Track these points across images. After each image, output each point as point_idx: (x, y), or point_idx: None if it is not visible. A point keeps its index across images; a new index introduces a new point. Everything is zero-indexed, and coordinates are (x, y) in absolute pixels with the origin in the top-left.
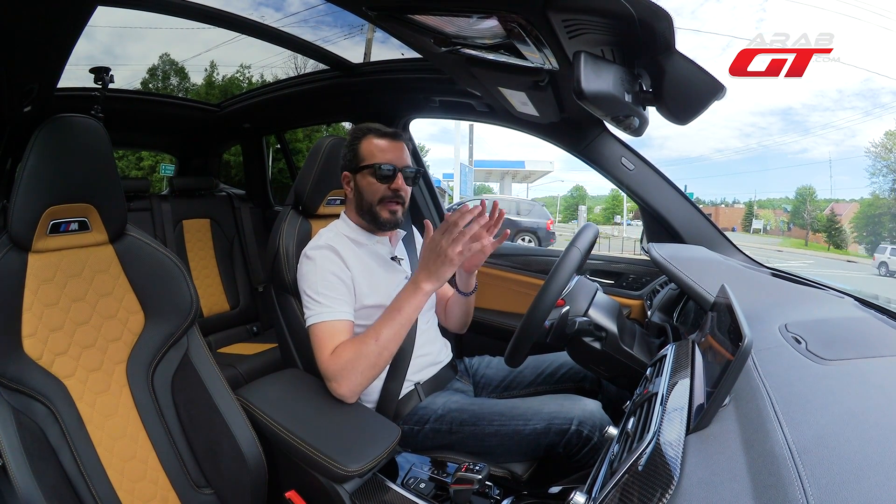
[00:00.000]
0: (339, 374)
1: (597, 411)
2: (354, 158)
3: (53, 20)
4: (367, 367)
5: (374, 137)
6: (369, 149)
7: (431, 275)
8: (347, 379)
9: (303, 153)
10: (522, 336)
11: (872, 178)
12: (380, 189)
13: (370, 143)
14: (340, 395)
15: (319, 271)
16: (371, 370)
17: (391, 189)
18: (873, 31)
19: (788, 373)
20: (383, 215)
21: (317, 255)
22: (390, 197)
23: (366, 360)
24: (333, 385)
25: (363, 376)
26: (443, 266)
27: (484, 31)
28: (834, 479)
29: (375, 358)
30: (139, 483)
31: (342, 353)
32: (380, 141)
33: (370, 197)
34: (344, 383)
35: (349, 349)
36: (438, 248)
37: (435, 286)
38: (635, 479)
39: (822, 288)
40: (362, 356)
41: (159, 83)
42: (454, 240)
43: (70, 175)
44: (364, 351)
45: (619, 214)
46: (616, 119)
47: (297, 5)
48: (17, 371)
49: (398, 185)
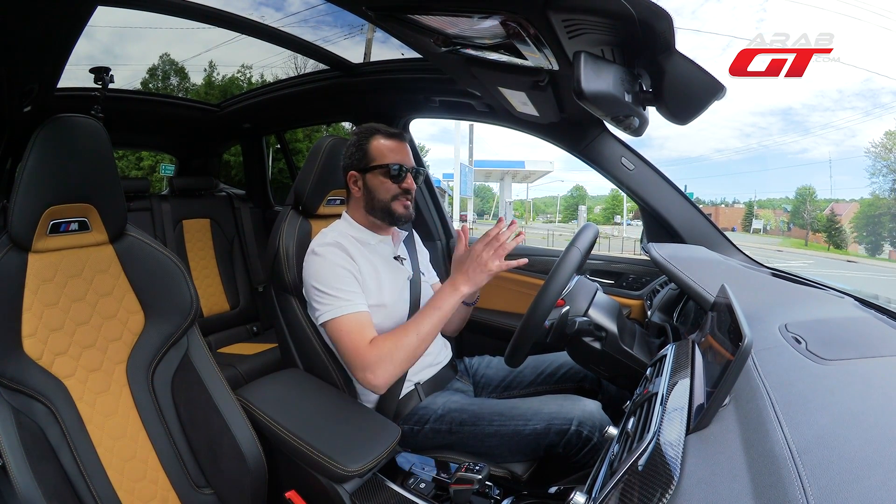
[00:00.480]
0: (377, 365)
1: (596, 412)
2: (364, 158)
3: (53, 20)
4: (405, 359)
5: (381, 138)
6: (379, 149)
7: (470, 279)
8: (384, 369)
9: (303, 153)
10: (522, 336)
11: (872, 178)
12: (392, 188)
13: (379, 143)
14: (374, 385)
15: (330, 266)
16: (408, 362)
17: (402, 187)
18: (873, 31)
19: (788, 373)
20: (398, 210)
21: (325, 251)
22: (402, 194)
23: (405, 351)
24: (369, 376)
25: (400, 368)
26: (481, 273)
27: (484, 31)
28: (834, 479)
29: (414, 350)
30: (139, 483)
31: (382, 344)
32: (388, 141)
33: (383, 195)
34: (381, 373)
35: (389, 340)
36: (479, 258)
37: (471, 289)
38: (635, 479)
39: (822, 288)
40: (402, 347)
41: (159, 83)
42: (495, 253)
43: (70, 175)
44: (405, 342)
45: (619, 214)
46: (616, 119)
47: (297, 5)
48: (18, 371)
49: (409, 184)
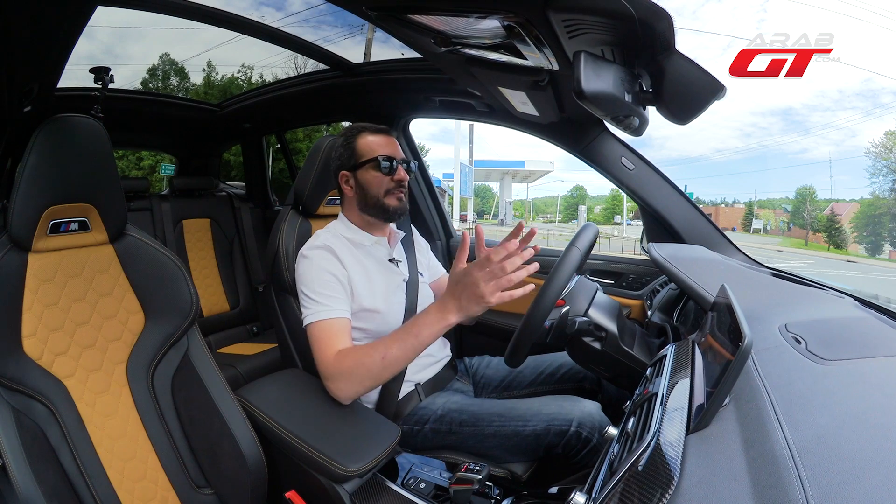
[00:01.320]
0: (339, 378)
1: (596, 412)
2: (352, 156)
3: (53, 20)
4: (367, 379)
5: (368, 134)
6: (367, 145)
7: (461, 309)
8: (345, 384)
9: (303, 153)
10: (522, 336)
11: (872, 178)
12: (384, 181)
13: (366, 140)
14: (336, 396)
15: (316, 270)
16: (371, 381)
17: (394, 180)
18: (873, 31)
19: (788, 373)
20: (392, 203)
21: (313, 255)
22: (394, 187)
23: (367, 372)
24: (331, 385)
25: (362, 385)
26: (476, 304)
27: (484, 31)
28: (834, 479)
29: (378, 372)
30: (139, 483)
31: (344, 360)
32: (375, 137)
33: (375, 190)
34: (342, 387)
35: (352, 357)
36: (476, 287)
37: (462, 320)
38: (635, 479)
39: (822, 288)
40: (364, 368)
41: (159, 83)
42: (493, 278)
43: (70, 175)
44: (367, 363)
45: (619, 214)
46: (616, 119)
47: (297, 5)
48: (18, 371)
49: (401, 175)
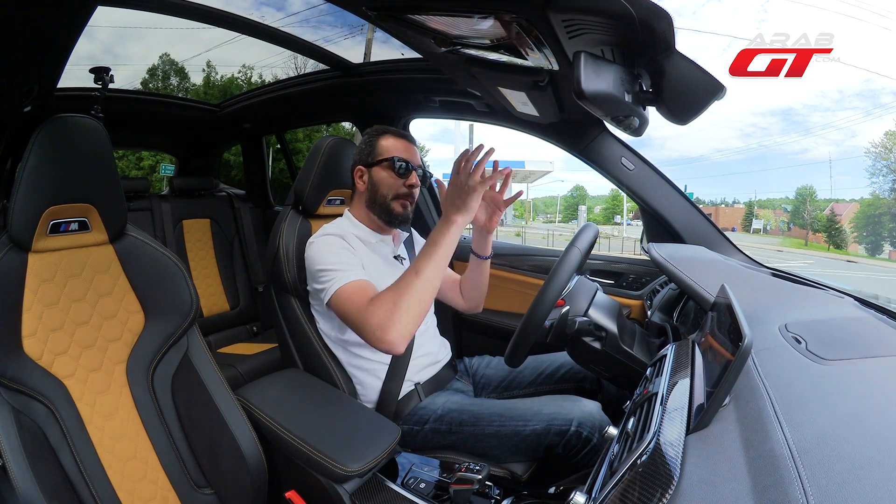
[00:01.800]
0: (386, 319)
1: (596, 412)
2: (372, 153)
3: (53, 20)
4: (413, 304)
5: (391, 136)
6: (387, 145)
7: (460, 206)
8: (395, 321)
9: (303, 153)
10: (522, 336)
11: (872, 178)
12: (396, 184)
13: (388, 141)
14: (389, 341)
15: (328, 247)
16: (417, 306)
17: (406, 185)
18: (873, 31)
19: (788, 373)
20: (396, 209)
21: (325, 239)
22: (405, 193)
23: (410, 296)
24: (379, 333)
25: (410, 315)
26: (469, 196)
27: (484, 31)
28: (834, 479)
29: (420, 293)
30: (139, 483)
31: (383, 297)
32: (397, 141)
33: (385, 191)
34: (391, 328)
35: (390, 290)
36: (460, 184)
37: (465, 217)
38: (635, 479)
39: (822, 288)
40: (405, 293)
41: (159, 83)
42: (472, 171)
43: (70, 175)
44: (406, 287)
45: (619, 214)
46: (616, 119)
47: (298, 5)
48: (18, 371)
49: (413, 181)
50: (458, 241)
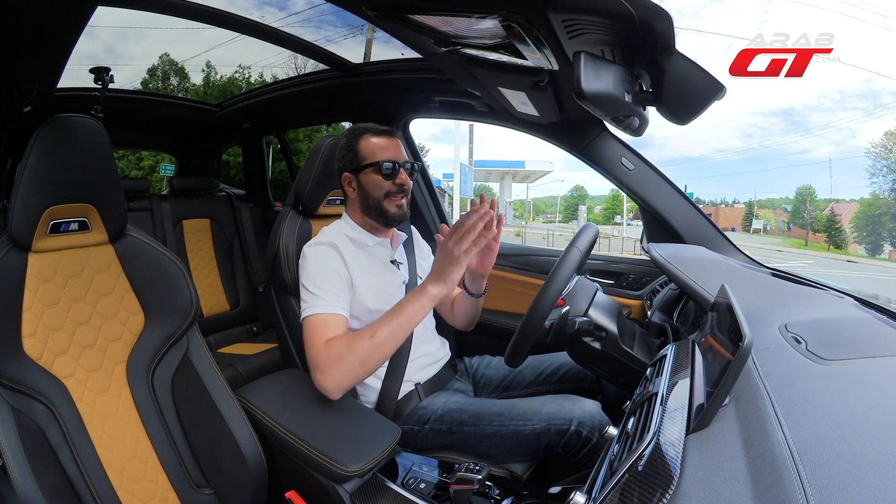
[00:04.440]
0: (326, 366)
1: (596, 412)
2: (355, 158)
3: (53, 20)
4: (357, 364)
5: (371, 136)
6: (369, 148)
7: (439, 277)
8: (333, 372)
9: (303, 153)
10: (522, 336)
11: (872, 178)
12: (385, 185)
13: (369, 142)
14: (324, 388)
15: (318, 266)
16: (360, 367)
17: (396, 184)
18: (874, 31)
19: (788, 373)
20: (391, 210)
21: (317, 251)
22: (395, 192)
23: (356, 355)
24: (318, 377)
25: (351, 372)
26: (450, 266)
27: (484, 31)
28: (834, 479)
29: (367, 355)
30: (139, 483)
31: (334, 345)
32: (378, 139)
33: (376, 193)
34: (329, 376)
35: (342, 341)
36: (447, 250)
37: (441, 290)
38: (635, 479)
39: (822, 288)
40: (353, 351)
41: (159, 83)
42: (461, 238)
43: (70, 175)
44: (356, 346)
45: (619, 214)
46: (616, 119)
47: (298, 5)
48: (18, 371)
49: (402, 179)
50: (428, 312)
